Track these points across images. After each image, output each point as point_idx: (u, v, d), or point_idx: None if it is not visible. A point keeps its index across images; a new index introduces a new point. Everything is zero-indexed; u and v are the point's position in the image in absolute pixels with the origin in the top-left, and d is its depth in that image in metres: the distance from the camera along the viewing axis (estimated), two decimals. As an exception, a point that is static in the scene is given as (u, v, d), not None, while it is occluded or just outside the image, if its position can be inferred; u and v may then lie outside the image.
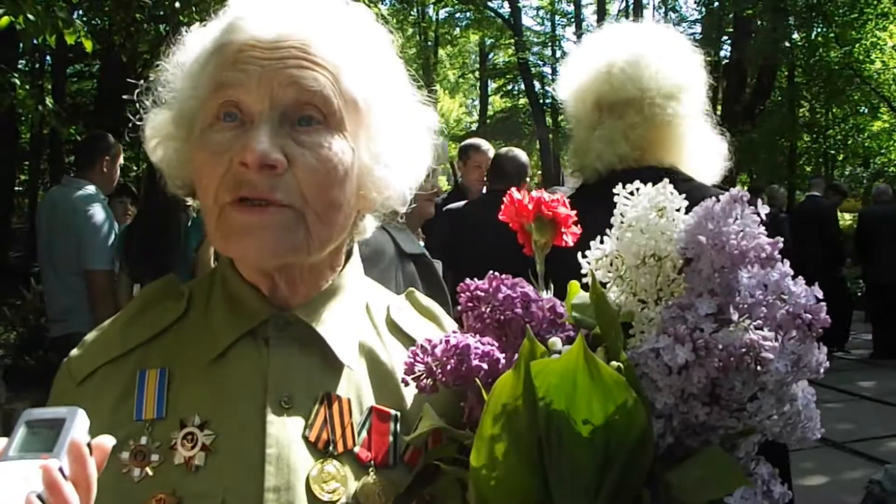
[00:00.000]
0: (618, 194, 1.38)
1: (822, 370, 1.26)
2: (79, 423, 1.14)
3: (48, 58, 21.60)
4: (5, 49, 15.55)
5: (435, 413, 1.41)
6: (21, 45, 13.34)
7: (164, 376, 1.54)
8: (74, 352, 1.63)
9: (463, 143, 8.89)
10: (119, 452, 1.44)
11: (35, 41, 6.99)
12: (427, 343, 1.39)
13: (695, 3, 35.71)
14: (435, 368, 1.36)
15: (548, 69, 41.69)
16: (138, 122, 1.65)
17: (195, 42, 1.60)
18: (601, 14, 39.66)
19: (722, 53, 29.82)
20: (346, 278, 1.67)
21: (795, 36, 25.94)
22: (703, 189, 2.89)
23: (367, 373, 1.59)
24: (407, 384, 1.41)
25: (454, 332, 1.42)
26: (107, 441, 1.18)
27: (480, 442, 1.24)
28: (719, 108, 28.71)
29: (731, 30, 28.66)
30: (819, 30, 26.06)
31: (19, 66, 18.57)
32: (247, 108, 1.45)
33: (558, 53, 42.29)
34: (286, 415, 1.49)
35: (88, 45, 7.04)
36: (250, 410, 1.48)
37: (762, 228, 1.25)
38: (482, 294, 1.41)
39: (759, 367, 1.18)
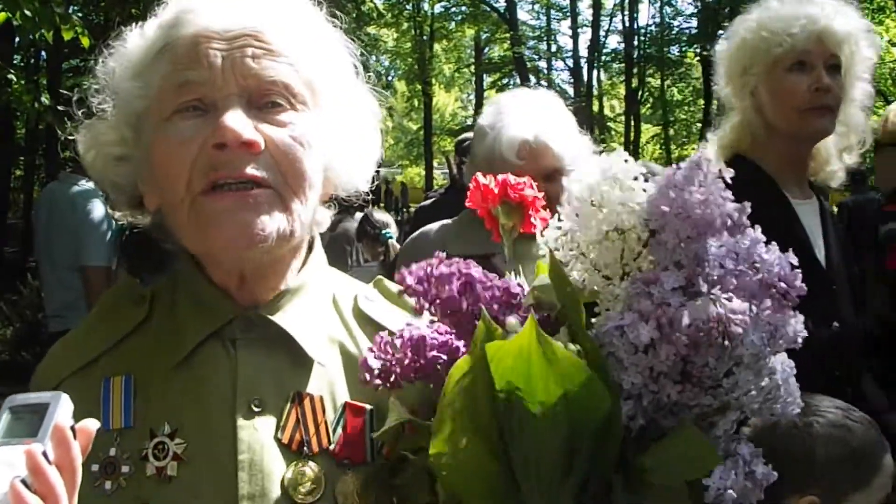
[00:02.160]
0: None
1: (799, 340, 1.21)
2: (62, 408, 1.14)
3: (43, 53, 21.50)
4: (1, 45, 15.53)
5: (402, 406, 1.35)
6: (17, 40, 13.32)
7: (129, 383, 1.52)
8: (41, 364, 1.62)
9: (459, 138, 8.88)
10: (90, 465, 1.40)
11: (32, 37, 6.96)
12: (379, 339, 1.32)
13: (690, -3, 35.69)
14: (392, 366, 1.30)
15: (543, 63, 41.74)
16: (69, 137, 1.63)
17: (135, 43, 1.58)
18: (596, 8, 39.67)
19: (717, 48, 29.82)
20: (310, 272, 1.64)
21: (791, 30, 25.93)
22: None
23: (340, 368, 1.57)
24: (366, 384, 1.33)
25: (408, 324, 1.34)
26: (91, 424, 1.18)
27: (438, 429, 1.20)
28: (714, 102, 28.72)
29: (727, 24, 28.61)
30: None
31: (14, 62, 18.52)
32: (210, 99, 1.45)
33: (553, 48, 42.33)
34: (257, 418, 1.47)
35: (86, 41, 7.02)
36: (220, 416, 1.47)
37: (728, 194, 1.18)
38: (421, 281, 1.33)
39: (727, 342, 1.13)
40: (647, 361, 1.15)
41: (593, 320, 1.25)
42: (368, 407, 1.52)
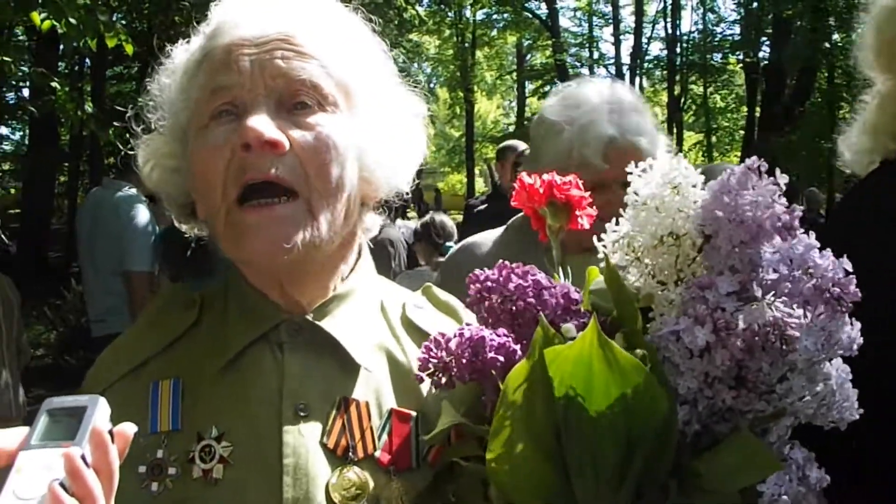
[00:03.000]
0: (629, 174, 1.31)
1: (854, 346, 1.20)
2: (100, 411, 1.14)
3: (87, 60, 21.73)
4: (45, 52, 15.71)
5: (454, 410, 1.36)
6: (61, 48, 13.45)
7: (177, 387, 1.53)
8: (91, 370, 1.64)
9: (501, 145, 8.89)
10: (136, 466, 1.44)
11: (76, 44, 7.03)
12: (441, 337, 1.34)
13: (734, 4, 35.52)
14: (449, 363, 1.32)
15: (585, 70, 41.59)
16: (130, 152, 1.67)
17: (181, 58, 1.62)
18: (639, 15, 39.53)
19: (761, 55, 29.66)
20: (357, 279, 1.66)
21: (835, 37, 25.72)
22: None
23: (387, 374, 1.57)
24: (421, 381, 1.37)
25: (468, 324, 1.37)
26: (128, 428, 1.17)
27: (495, 435, 1.21)
28: (758, 109, 28.55)
29: (770, 31, 28.46)
30: (859, 30, 25.81)
31: (59, 69, 18.72)
32: (241, 102, 1.47)
33: (595, 55, 42.23)
34: (303, 422, 1.48)
35: (129, 49, 7.09)
36: (266, 420, 1.48)
37: (781, 198, 1.19)
38: (492, 284, 1.35)
39: (784, 346, 1.13)
40: (703, 367, 1.16)
41: (648, 325, 1.25)
42: (414, 413, 1.53)
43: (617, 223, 1.31)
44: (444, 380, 1.33)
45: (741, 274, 1.18)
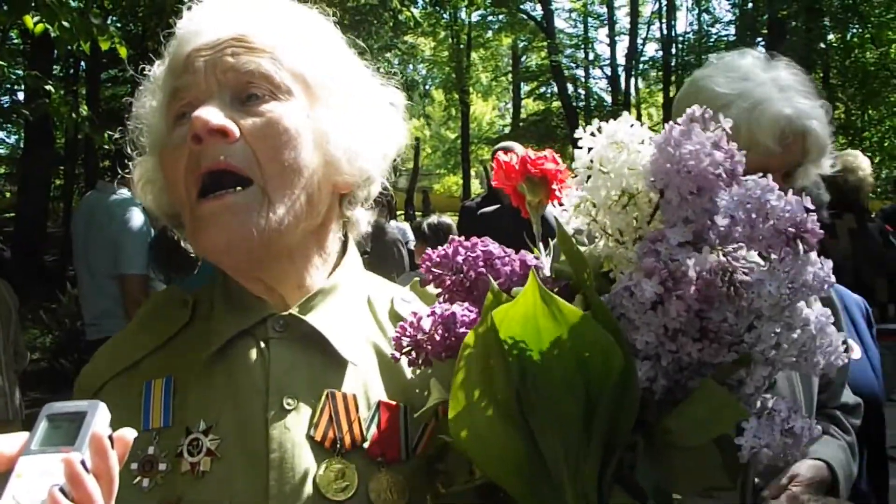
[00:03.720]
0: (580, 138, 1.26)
1: (825, 286, 1.15)
2: (100, 417, 1.14)
3: (82, 63, 21.74)
4: (40, 56, 15.71)
5: (442, 388, 1.36)
6: (55, 51, 13.46)
7: (169, 384, 1.54)
8: (84, 368, 1.65)
9: (496, 147, 8.89)
10: (129, 464, 1.45)
11: (70, 48, 7.02)
12: (413, 317, 1.34)
13: (729, 4, 35.52)
14: (422, 342, 1.31)
15: (581, 71, 41.68)
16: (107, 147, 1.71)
17: (157, 75, 1.66)
18: (634, 16, 39.56)
19: (756, 55, 29.68)
20: (343, 274, 1.66)
21: (831, 37, 25.81)
22: None
23: (375, 367, 1.58)
24: (397, 360, 1.37)
25: (439, 303, 1.37)
26: (128, 434, 1.18)
27: (456, 404, 1.20)
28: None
29: (765, 31, 28.50)
30: (854, 31, 25.88)
31: (53, 73, 18.72)
32: (197, 101, 1.49)
33: (591, 56, 42.27)
34: (289, 416, 1.48)
35: (123, 52, 7.08)
36: (253, 413, 1.48)
37: (724, 145, 1.16)
38: (443, 260, 1.35)
39: (735, 292, 1.10)
40: (659, 320, 1.13)
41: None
42: (402, 405, 1.54)
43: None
44: (420, 359, 1.33)
45: (694, 224, 1.16)
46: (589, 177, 1.26)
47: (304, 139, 1.52)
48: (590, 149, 1.25)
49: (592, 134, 1.26)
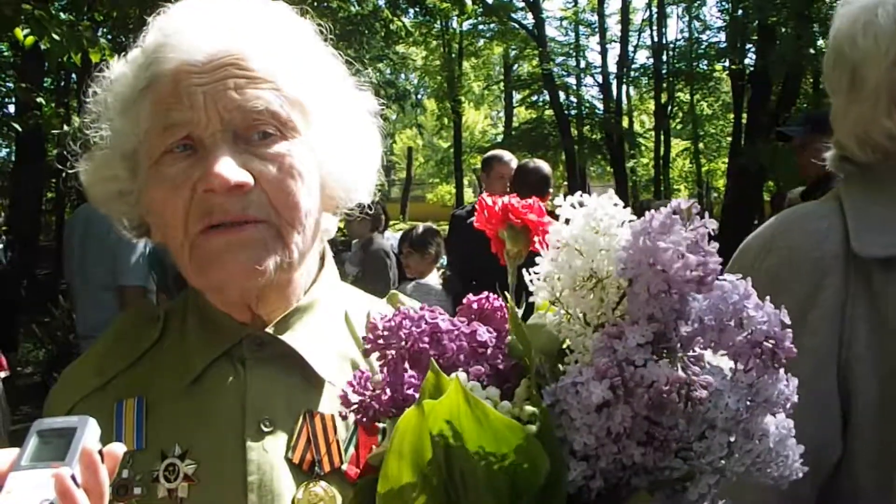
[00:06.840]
0: (560, 206, 1.15)
1: (789, 405, 1.09)
2: (90, 432, 1.16)
3: (73, 76, 21.72)
4: (31, 68, 15.68)
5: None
6: (46, 64, 13.44)
7: (141, 405, 1.52)
8: (54, 388, 1.64)
9: (486, 155, 8.89)
10: None
11: (60, 60, 7.02)
12: (359, 374, 1.25)
13: (718, 11, 35.61)
14: (370, 402, 1.23)
15: (572, 79, 41.72)
16: (68, 170, 1.62)
17: (121, 72, 1.57)
18: (625, 23, 39.65)
19: (746, 62, 29.76)
20: (320, 289, 1.64)
21: (820, 43, 25.83)
22: None
23: None
24: (344, 417, 1.33)
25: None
26: (118, 448, 1.18)
27: (386, 482, 1.14)
28: (744, 116, 28.63)
29: (755, 38, 28.55)
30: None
31: (44, 85, 18.71)
32: (197, 137, 1.43)
33: (582, 64, 42.32)
34: (267, 438, 1.47)
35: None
36: (229, 437, 1.47)
37: (705, 246, 1.03)
38: (387, 333, 1.23)
39: (688, 407, 1.01)
40: (603, 422, 1.04)
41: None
42: (381, 425, 1.50)
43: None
44: (367, 416, 1.24)
45: (658, 324, 1.05)
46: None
47: (313, 179, 1.51)
48: (567, 220, 1.13)
49: (573, 206, 1.13)
